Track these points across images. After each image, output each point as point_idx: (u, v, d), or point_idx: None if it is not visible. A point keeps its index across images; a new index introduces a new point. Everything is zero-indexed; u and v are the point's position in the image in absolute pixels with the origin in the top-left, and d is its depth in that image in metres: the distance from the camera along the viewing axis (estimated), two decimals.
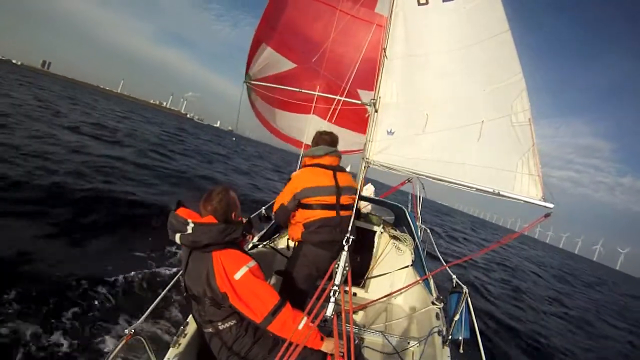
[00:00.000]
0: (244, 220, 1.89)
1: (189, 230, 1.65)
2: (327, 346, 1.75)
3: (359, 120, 4.83)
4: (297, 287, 2.37)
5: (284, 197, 2.39)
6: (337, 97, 3.92)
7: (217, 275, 1.65)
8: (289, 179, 2.43)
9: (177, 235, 1.68)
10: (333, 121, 4.90)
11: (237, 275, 1.65)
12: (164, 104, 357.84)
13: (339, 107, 4.17)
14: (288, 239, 2.60)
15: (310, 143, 4.73)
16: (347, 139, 5.62)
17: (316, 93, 4.26)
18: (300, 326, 1.67)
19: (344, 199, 2.40)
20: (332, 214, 2.34)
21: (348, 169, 2.76)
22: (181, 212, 1.74)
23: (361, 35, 4.41)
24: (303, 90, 4.41)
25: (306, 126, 4.83)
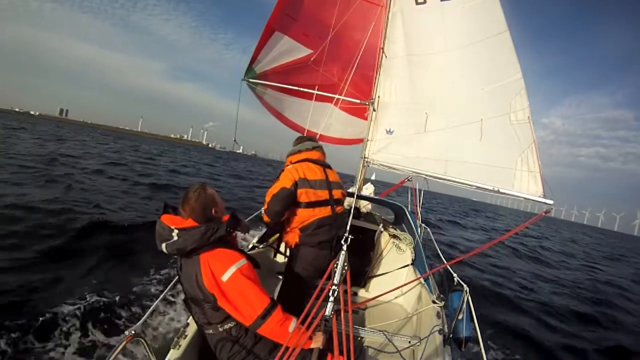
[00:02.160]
0: (228, 215, 1.83)
1: (175, 237, 1.61)
2: (317, 342, 1.72)
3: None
4: (297, 288, 2.36)
5: (283, 182, 2.23)
6: (338, 97, 3.90)
7: (204, 278, 1.61)
8: (277, 178, 2.30)
9: (164, 245, 1.64)
10: (342, 107, 4.85)
11: (225, 277, 1.59)
12: (185, 136, 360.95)
13: (343, 96, 4.11)
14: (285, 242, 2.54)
15: (324, 132, 4.64)
16: (356, 126, 5.56)
17: (315, 92, 4.25)
18: (291, 329, 1.64)
19: (336, 193, 2.38)
20: (327, 211, 2.31)
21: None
22: (165, 218, 1.69)
23: (376, 21, 4.38)
24: (302, 89, 4.40)
25: (318, 114, 4.81)
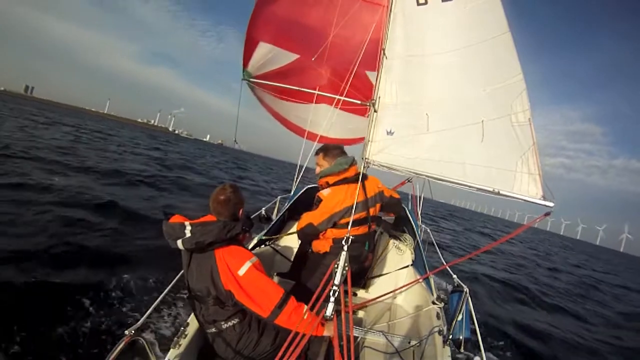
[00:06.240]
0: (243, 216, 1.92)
1: (188, 234, 1.66)
2: (328, 330, 1.80)
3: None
4: (308, 293, 2.38)
5: (315, 218, 2.31)
6: (337, 97, 3.89)
7: (221, 273, 1.68)
8: (320, 200, 2.35)
9: (179, 242, 1.68)
10: (340, 107, 4.87)
11: (242, 271, 1.68)
12: (152, 121, 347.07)
13: (344, 97, 4.09)
14: (298, 238, 2.57)
15: (323, 133, 4.68)
16: (354, 124, 5.56)
17: (316, 92, 4.25)
18: (305, 316, 1.72)
19: (374, 211, 2.38)
20: (364, 230, 2.31)
21: None
22: (174, 218, 1.76)
23: (364, 16, 4.28)
24: (303, 89, 4.39)
25: (317, 116, 4.81)
